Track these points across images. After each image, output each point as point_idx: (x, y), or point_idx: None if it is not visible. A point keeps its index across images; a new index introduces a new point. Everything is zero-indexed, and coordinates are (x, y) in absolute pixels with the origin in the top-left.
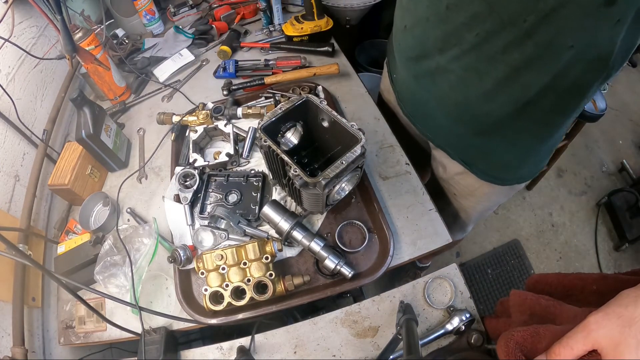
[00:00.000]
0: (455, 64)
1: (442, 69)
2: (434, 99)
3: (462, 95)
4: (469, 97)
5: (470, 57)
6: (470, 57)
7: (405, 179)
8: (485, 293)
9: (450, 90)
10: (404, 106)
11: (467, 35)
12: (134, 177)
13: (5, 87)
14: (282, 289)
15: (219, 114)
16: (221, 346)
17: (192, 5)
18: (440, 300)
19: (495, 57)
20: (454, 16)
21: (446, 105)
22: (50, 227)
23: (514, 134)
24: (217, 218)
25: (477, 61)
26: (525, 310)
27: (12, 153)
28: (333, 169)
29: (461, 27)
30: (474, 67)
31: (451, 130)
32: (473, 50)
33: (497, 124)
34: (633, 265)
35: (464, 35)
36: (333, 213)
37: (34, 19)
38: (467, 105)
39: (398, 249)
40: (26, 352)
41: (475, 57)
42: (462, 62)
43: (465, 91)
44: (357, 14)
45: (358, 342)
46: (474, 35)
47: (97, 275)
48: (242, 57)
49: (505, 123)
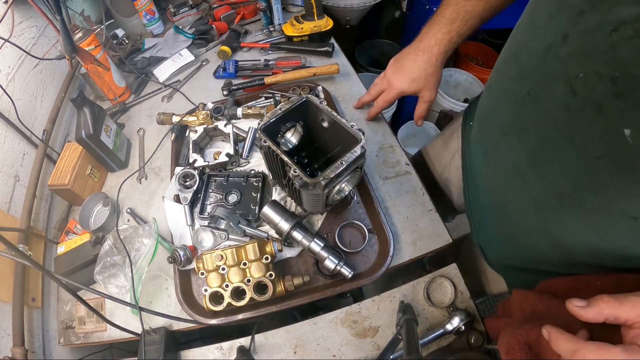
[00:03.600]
0: (509, 155)
1: (497, 154)
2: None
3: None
4: (505, 204)
5: (522, 157)
6: (522, 157)
7: (405, 179)
8: None
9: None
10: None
11: (531, 133)
12: (133, 178)
13: (5, 87)
14: (282, 289)
15: (219, 114)
16: (221, 346)
17: (192, 5)
18: (440, 300)
19: (546, 175)
20: (529, 104)
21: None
22: (50, 228)
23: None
24: (217, 218)
25: (527, 166)
26: (526, 309)
27: (12, 153)
28: (333, 170)
29: (531, 120)
30: (520, 170)
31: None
32: (528, 152)
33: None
34: None
35: (529, 130)
36: (333, 213)
37: (33, 19)
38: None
39: (398, 249)
40: (26, 352)
41: (527, 160)
42: (515, 157)
43: (503, 195)
44: (357, 14)
45: (358, 342)
46: (537, 136)
47: (97, 275)
48: (242, 57)
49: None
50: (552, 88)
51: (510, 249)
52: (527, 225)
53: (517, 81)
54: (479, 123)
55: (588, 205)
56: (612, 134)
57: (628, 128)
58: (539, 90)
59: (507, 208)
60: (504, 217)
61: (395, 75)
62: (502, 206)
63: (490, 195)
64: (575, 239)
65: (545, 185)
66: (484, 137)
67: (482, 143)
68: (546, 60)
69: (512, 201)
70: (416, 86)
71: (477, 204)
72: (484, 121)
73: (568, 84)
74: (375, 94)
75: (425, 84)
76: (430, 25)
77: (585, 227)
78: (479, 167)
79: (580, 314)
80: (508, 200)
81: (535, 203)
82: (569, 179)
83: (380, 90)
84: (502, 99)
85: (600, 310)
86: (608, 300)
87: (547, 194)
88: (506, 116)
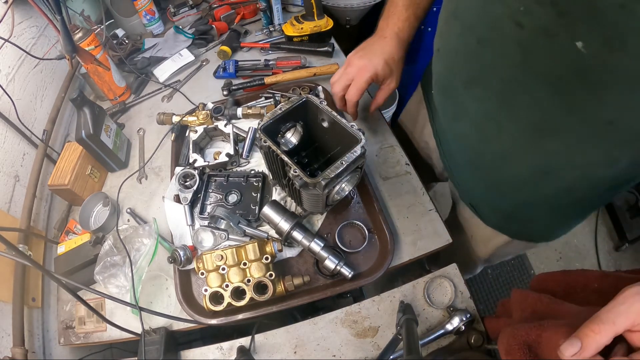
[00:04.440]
0: (477, 106)
1: (464, 110)
2: (455, 143)
3: (477, 149)
4: (485, 155)
5: (491, 103)
6: (491, 103)
7: (405, 179)
8: (485, 293)
9: (469, 136)
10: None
11: (493, 79)
12: (134, 178)
13: (5, 87)
14: (282, 289)
15: (219, 114)
16: (221, 346)
17: (192, 5)
18: (440, 300)
19: (519, 113)
20: (483, 53)
21: (465, 154)
22: (50, 228)
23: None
24: (217, 218)
25: (498, 111)
26: (526, 308)
27: (12, 153)
28: (333, 170)
29: (489, 67)
30: (493, 117)
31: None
32: (496, 97)
33: (517, 189)
34: (633, 265)
35: (490, 77)
36: (333, 213)
37: (34, 19)
38: (484, 164)
39: (398, 249)
40: (26, 352)
41: (497, 105)
42: (483, 107)
43: (482, 146)
44: (357, 14)
45: (358, 342)
46: (500, 79)
47: (97, 275)
48: (242, 57)
49: (525, 190)
50: (500, 29)
51: (499, 199)
52: (513, 169)
53: (464, 36)
54: (438, 87)
55: (565, 126)
56: (567, 51)
57: (579, 41)
58: (487, 36)
59: (488, 158)
60: (486, 168)
61: (365, 58)
62: (482, 158)
63: (467, 151)
64: (562, 162)
65: (520, 123)
66: (448, 99)
67: (447, 104)
68: (486, 6)
69: (491, 149)
70: (389, 69)
71: (457, 165)
72: (444, 83)
73: (513, 20)
74: (343, 85)
75: (395, 69)
76: (387, 16)
77: (569, 147)
78: (450, 128)
79: (581, 358)
80: (487, 150)
81: (515, 143)
82: (541, 108)
83: (348, 80)
84: (454, 58)
85: (598, 343)
86: (598, 329)
87: (524, 131)
88: (464, 72)
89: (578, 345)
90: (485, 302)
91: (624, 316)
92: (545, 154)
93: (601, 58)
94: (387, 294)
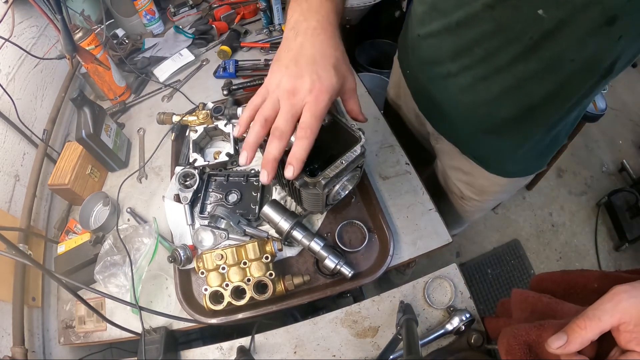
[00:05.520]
0: (465, 72)
1: (453, 75)
2: (446, 100)
3: (471, 99)
4: (478, 102)
5: (479, 68)
6: (479, 68)
7: (405, 179)
8: (485, 293)
9: (461, 94)
10: (419, 104)
11: (476, 49)
12: (134, 177)
13: (5, 87)
14: (282, 288)
15: (219, 114)
16: (221, 346)
17: (192, 5)
18: (440, 300)
19: (502, 68)
20: (463, 32)
21: (457, 107)
22: (50, 227)
23: (520, 133)
24: (217, 218)
25: (485, 71)
26: (526, 308)
27: (12, 153)
28: (333, 169)
29: (471, 42)
30: (482, 76)
31: (462, 128)
32: (481, 62)
33: (504, 125)
34: (633, 265)
35: (473, 49)
36: (333, 213)
37: (34, 18)
38: (476, 108)
39: (398, 248)
40: (26, 352)
41: (483, 68)
42: (472, 72)
43: (474, 96)
44: (357, 14)
45: (358, 342)
46: (483, 49)
47: (97, 275)
48: (242, 57)
49: (511, 124)
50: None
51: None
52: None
53: (445, 22)
54: (424, 64)
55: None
56: (531, 18)
57: (540, 9)
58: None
59: (483, 111)
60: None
61: (305, 74)
62: (478, 113)
63: (464, 111)
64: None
65: (507, 80)
66: (435, 72)
67: (436, 77)
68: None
69: (487, 102)
70: (341, 74)
71: (453, 130)
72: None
73: (486, 4)
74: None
75: (345, 68)
76: None
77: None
78: (438, 94)
79: (565, 352)
80: (484, 104)
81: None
82: (523, 65)
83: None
84: (436, 39)
85: (583, 338)
86: (584, 324)
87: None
88: (450, 49)
89: (564, 339)
90: (485, 302)
91: (610, 313)
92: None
93: (557, 18)
94: (387, 294)
